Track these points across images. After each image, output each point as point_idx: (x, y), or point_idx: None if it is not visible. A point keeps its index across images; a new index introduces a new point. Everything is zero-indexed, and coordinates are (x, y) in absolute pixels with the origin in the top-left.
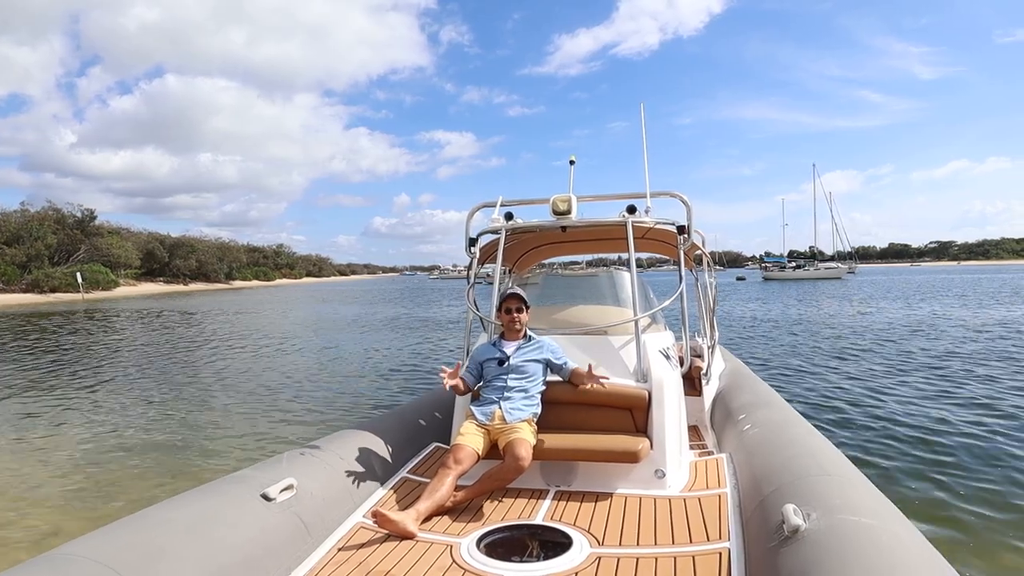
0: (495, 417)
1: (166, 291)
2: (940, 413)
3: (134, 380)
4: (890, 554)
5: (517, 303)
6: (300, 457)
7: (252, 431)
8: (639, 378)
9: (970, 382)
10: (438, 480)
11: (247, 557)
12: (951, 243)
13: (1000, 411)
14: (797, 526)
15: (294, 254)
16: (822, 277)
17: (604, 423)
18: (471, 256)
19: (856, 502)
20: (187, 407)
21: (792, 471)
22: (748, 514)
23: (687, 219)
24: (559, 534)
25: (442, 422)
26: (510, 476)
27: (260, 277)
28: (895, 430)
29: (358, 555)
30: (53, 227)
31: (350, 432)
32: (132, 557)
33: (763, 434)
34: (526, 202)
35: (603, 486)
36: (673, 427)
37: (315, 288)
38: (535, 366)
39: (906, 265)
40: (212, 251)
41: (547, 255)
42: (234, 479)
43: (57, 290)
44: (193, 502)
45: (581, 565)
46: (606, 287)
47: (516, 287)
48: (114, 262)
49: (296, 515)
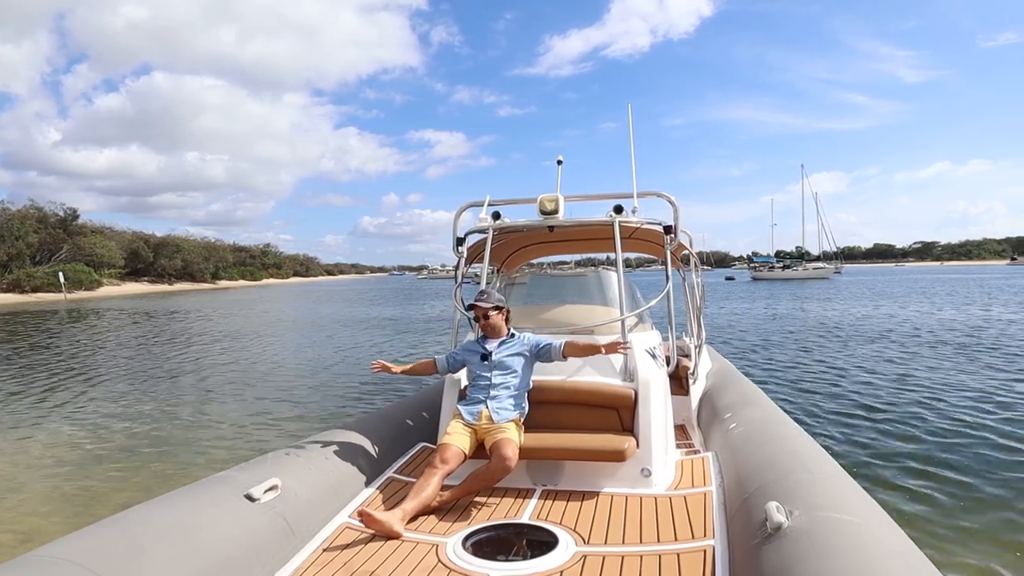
0: (482, 417)
1: (150, 291)
2: (938, 412)
3: (115, 381)
4: (872, 551)
5: (482, 311)
6: (285, 457)
7: (236, 431)
8: (626, 377)
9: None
10: (424, 480)
11: (230, 558)
12: (935, 243)
13: (997, 404)
14: (780, 523)
15: (281, 254)
16: (810, 277)
17: (590, 422)
18: (459, 256)
19: (839, 500)
20: (170, 407)
21: (776, 469)
22: (732, 512)
23: (674, 219)
24: (545, 533)
25: (429, 422)
26: (497, 476)
27: (247, 277)
28: (894, 429)
29: (343, 555)
30: (35, 226)
31: (336, 432)
32: (112, 558)
33: (748, 433)
34: (514, 202)
35: (589, 485)
36: (659, 426)
37: (302, 288)
38: (518, 360)
39: (891, 265)
40: (198, 251)
41: (535, 255)
42: (217, 479)
43: (39, 290)
44: (176, 503)
45: (567, 564)
46: (593, 287)
47: (486, 293)
48: (97, 262)
49: (280, 515)
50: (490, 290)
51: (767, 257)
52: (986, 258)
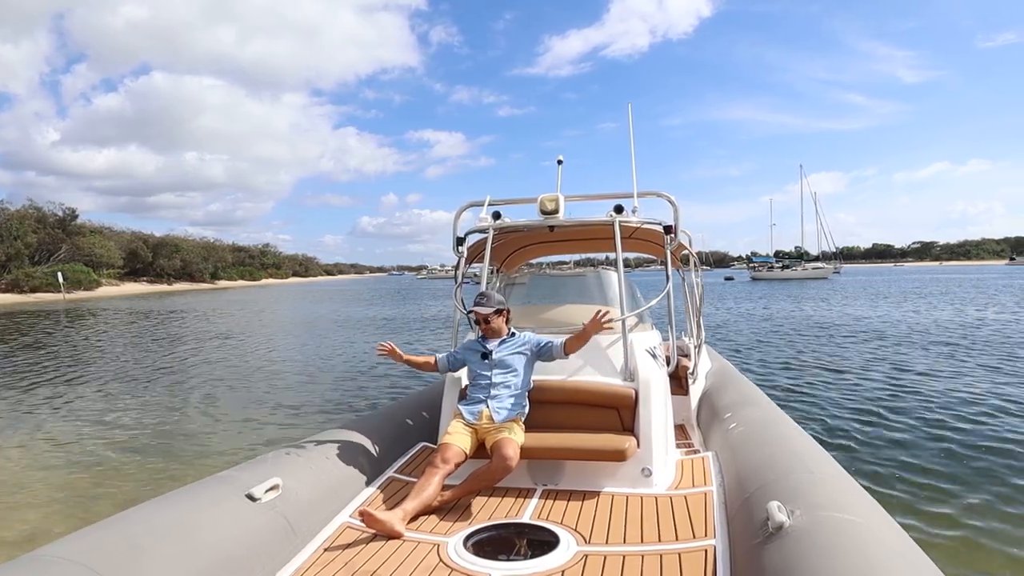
0: (483, 416)
1: (149, 291)
2: (934, 410)
3: (115, 381)
4: (872, 550)
5: (482, 316)
6: (286, 457)
7: (237, 431)
8: (626, 377)
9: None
10: (425, 479)
11: (231, 557)
12: (933, 244)
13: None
14: (781, 523)
15: (280, 254)
16: (809, 277)
17: (591, 422)
18: (459, 255)
19: (839, 499)
20: (170, 407)
21: (776, 469)
22: (733, 511)
23: (674, 219)
24: (546, 532)
25: (429, 421)
26: (497, 476)
27: (245, 277)
28: (892, 428)
29: (344, 555)
30: (33, 226)
31: (336, 431)
32: (113, 558)
33: (748, 432)
34: (514, 201)
35: (590, 485)
36: (660, 426)
37: (301, 288)
38: (519, 359)
39: (890, 265)
40: (197, 251)
41: (535, 254)
42: (219, 479)
43: (38, 290)
44: (177, 502)
45: (568, 563)
46: (593, 286)
47: (486, 296)
48: (96, 262)
49: (282, 515)
50: (490, 292)
51: (766, 257)
52: (985, 258)
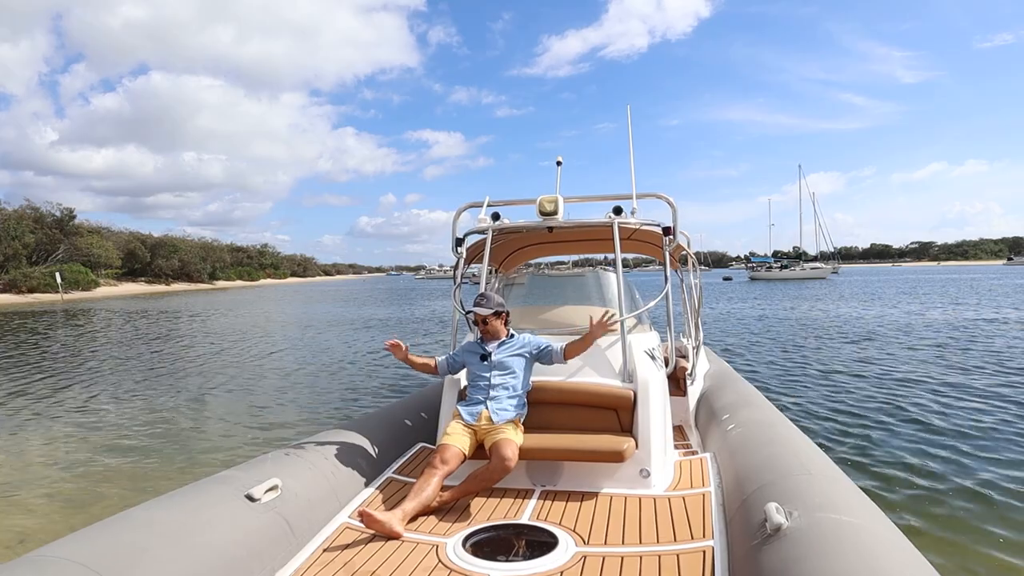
0: (481, 417)
1: (147, 291)
2: (932, 409)
3: (114, 381)
4: (870, 552)
5: (481, 318)
6: (285, 457)
7: (236, 431)
8: (624, 378)
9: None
10: (424, 480)
11: (231, 558)
12: (931, 244)
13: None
14: (779, 524)
15: (278, 254)
16: (808, 277)
17: (589, 423)
18: (458, 256)
19: (837, 500)
20: (168, 408)
21: (775, 470)
22: (731, 513)
23: (672, 220)
24: (545, 533)
25: (428, 422)
26: (496, 476)
27: (244, 277)
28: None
29: (343, 555)
30: (31, 226)
31: (335, 432)
32: (113, 558)
33: (746, 434)
34: (513, 202)
35: (588, 486)
36: (658, 427)
37: (300, 288)
38: (518, 361)
39: (888, 265)
40: (195, 251)
41: (533, 255)
42: (218, 480)
43: (36, 290)
44: (176, 503)
45: (566, 564)
46: (592, 287)
47: (485, 298)
48: (94, 262)
49: (281, 515)
50: (490, 294)
51: (765, 257)
52: (983, 258)
